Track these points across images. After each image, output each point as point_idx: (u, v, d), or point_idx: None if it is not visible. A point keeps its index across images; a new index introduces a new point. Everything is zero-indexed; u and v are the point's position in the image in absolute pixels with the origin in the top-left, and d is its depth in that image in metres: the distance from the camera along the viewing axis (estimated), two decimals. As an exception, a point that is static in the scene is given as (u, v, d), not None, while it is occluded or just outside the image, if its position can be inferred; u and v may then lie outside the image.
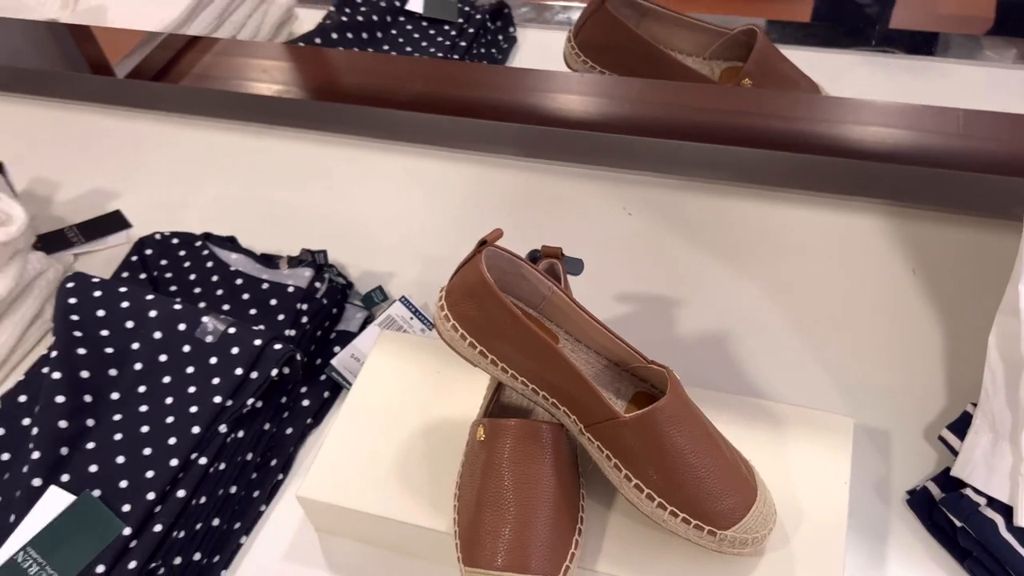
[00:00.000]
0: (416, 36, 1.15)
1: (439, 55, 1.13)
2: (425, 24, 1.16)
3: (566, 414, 0.57)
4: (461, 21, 1.16)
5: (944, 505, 0.61)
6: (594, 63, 0.93)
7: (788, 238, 0.86)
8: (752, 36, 0.91)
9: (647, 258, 0.86)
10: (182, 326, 0.74)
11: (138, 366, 0.73)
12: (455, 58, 1.12)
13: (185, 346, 0.73)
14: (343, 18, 1.14)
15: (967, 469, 0.61)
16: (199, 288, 0.83)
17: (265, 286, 0.81)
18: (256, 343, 0.71)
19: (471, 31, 1.14)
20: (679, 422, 0.54)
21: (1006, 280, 0.62)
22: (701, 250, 0.86)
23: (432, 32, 1.16)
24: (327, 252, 0.84)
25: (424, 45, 1.14)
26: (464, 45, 1.13)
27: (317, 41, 1.12)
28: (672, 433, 0.53)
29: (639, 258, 0.86)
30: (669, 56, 0.93)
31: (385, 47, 1.14)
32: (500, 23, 1.18)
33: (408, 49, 1.14)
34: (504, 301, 0.55)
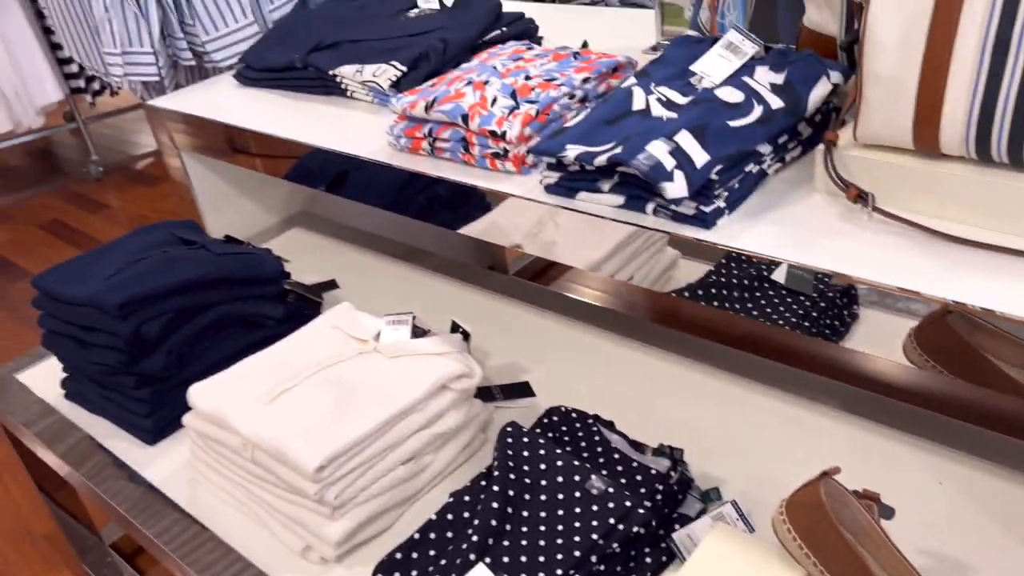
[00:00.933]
0: (776, 302, 1.43)
1: (793, 320, 1.39)
2: (784, 292, 1.45)
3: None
4: (815, 296, 1.42)
5: None
6: (928, 357, 1.15)
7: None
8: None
9: (947, 526, 1.02)
10: (577, 477, 1.03)
11: (543, 497, 1.03)
12: (806, 325, 1.38)
13: (576, 492, 1.02)
14: (721, 278, 1.46)
15: None
16: (586, 454, 1.13)
17: (635, 464, 1.09)
18: (627, 504, 0.98)
19: (822, 305, 1.40)
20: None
21: None
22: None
23: (789, 300, 1.43)
24: (684, 450, 1.10)
25: (781, 310, 1.42)
26: (815, 316, 1.39)
27: (700, 292, 1.45)
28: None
29: (938, 525, 1.02)
30: (995, 365, 1.12)
31: (749, 305, 1.44)
32: (847, 300, 1.43)
33: (768, 310, 1.42)
34: (834, 523, 0.77)
